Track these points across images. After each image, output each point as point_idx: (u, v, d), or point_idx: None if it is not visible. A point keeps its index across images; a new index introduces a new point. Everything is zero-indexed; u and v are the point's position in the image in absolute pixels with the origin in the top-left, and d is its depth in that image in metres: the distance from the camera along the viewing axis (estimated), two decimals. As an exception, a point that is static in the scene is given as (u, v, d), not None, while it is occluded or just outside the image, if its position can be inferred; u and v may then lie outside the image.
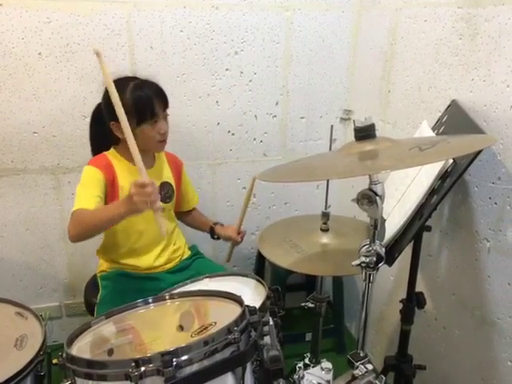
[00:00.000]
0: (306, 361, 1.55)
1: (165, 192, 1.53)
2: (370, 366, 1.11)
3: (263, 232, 1.51)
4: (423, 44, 1.47)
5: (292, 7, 1.80)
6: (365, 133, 1.00)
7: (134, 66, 1.72)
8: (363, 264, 1.06)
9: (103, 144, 1.48)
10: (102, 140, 1.48)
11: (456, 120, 1.28)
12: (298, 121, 1.98)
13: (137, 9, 1.66)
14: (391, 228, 1.22)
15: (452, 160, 1.15)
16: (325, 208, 1.43)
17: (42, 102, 1.68)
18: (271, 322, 1.03)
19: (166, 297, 1.14)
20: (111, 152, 1.46)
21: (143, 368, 0.79)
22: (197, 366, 0.82)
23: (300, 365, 1.21)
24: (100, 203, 1.33)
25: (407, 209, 1.20)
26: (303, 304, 1.56)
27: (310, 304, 1.55)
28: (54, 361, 0.92)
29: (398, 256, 1.18)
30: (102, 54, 1.14)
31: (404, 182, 1.29)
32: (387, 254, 1.07)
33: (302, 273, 1.35)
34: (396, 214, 1.26)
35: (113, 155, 1.45)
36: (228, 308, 1.01)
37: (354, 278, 2.08)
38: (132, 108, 1.32)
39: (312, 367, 1.21)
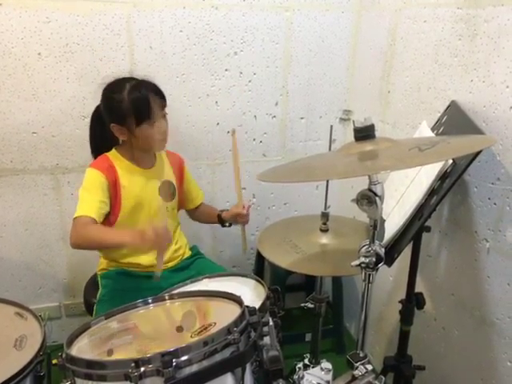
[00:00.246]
0: (306, 361, 1.55)
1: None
2: (370, 367, 1.11)
3: (263, 232, 1.52)
4: (423, 44, 1.47)
5: (292, 7, 1.80)
6: (364, 133, 1.00)
7: (134, 66, 1.72)
8: (363, 264, 1.06)
9: (103, 145, 1.48)
10: (102, 141, 1.49)
11: (455, 120, 1.28)
12: (298, 121, 1.98)
13: (136, 9, 1.66)
14: (391, 228, 1.23)
15: (451, 160, 1.15)
16: (324, 208, 1.43)
17: (42, 102, 1.68)
18: (271, 323, 1.03)
19: (166, 297, 1.14)
20: (113, 153, 1.47)
21: (143, 368, 0.79)
22: (196, 367, 0.82)
23: (300, 365, 1.22)
24: (104, 209, 1.37)
25: (407, 209, 1.20)
26: (303, 304, 1.56)
27: (310, 304, 1.55)
28: (54, 361, 0.92)
29: (398, 256, 1.18)
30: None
31: (403, 183, 1.29)
32: (387, 255, 1.07)
33: (302, 273, 1.35)
34: (395, 215, 1.26)
35: (114, 156, 1.45)
36: (228, 308, 1.01)
37: (354, 279, 2.08)
38: (130, 109, 1.33)
39: (312, 367, 1.21)
